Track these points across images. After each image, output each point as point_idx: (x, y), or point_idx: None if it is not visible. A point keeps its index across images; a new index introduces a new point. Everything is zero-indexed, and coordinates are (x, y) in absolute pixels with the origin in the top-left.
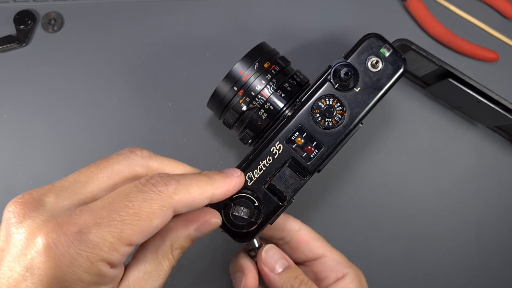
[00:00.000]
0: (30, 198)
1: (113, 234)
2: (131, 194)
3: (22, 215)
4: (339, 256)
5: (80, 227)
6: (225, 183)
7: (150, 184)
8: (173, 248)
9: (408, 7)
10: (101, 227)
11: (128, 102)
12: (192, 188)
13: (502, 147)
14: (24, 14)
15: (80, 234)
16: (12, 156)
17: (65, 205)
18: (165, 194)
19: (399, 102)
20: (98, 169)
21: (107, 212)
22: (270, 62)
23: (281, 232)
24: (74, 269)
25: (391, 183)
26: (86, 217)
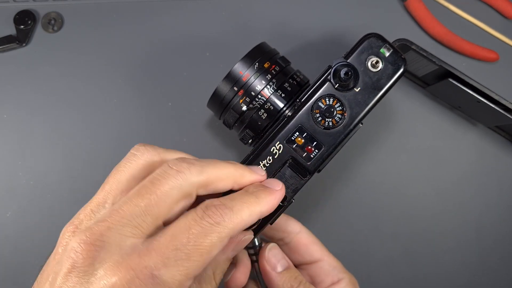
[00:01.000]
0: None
1: (181, 272)
2: (191, 229)
3: (91, 257)
4: (335, 261)
5: (151, 270)
6: (271, 200)
7: (207, 216)
8: (215, 274)
9: (408, 7)
10: (169, 267)
11: (128, 102)
12: (244, 213)
13: (502, 147)
14: (24, 14)
15: (153, 277)
16: (12, 156)
17: (131, 243)
18: (222, 225)
19: (399, 102)
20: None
21: (173, 251)
22: (270, 62)
23: (281, 233)
24: None
25: (391, 183)
26: (155, 258)
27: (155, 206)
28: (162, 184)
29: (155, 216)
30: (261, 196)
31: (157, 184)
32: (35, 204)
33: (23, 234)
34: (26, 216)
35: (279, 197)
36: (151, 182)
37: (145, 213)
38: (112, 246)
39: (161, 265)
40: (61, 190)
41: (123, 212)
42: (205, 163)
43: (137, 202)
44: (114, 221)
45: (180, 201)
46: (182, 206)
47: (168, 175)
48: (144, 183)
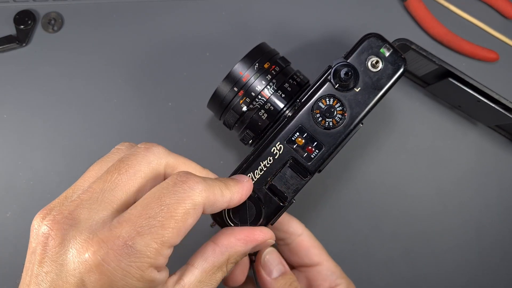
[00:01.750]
0: (62, 217)
1: (156, 240)
2: (163, 196)
3: (60, 236)
4: (334, 266)
5: (124, 240)
6: (239, 189)
7: (180, 182)
8: (229, 262)
9: (408, 7)
10: (143, 235)
11: (128, 102)
12: (216, 190)
13: (503, 146)
14: (24, 14)
15: (127, 247)
16: (12, 156)
17: (100, 218)
18: (195, 192)
19: (399, 102)
20: (120, 174)
21: (146, 220)
22: (270, 62)
23: (283, 234)
24: (128, 280)
25: (391, 183)
26: (127, 228)
27: (124, 180)
28: (131, 160)
29: (125, 190)
30: (229, 184)
31: (125, 161)
32: (35, 204)
33: (23, 234)
34: (26, 216)
35: (247, 188)
36: (120, 160)
37: (114, 188)
38: (81, 223)
39: (134, 234)
40: (61, 190)
41: (92, 189)
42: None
43: (106, 178)
44: (84, 198)
45: (148, 177)
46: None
47: (137, 152)
48: (114, 163)
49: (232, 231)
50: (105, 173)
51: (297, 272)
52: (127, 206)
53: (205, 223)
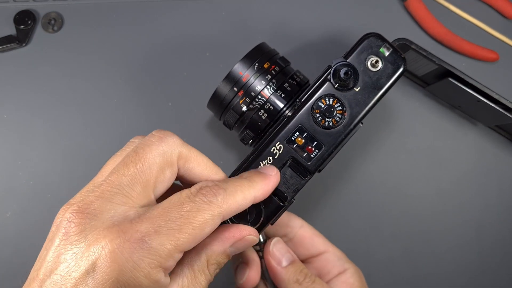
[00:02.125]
0: (85, 207)
1: (171, 242)
2: (184, 204)
3: (83, 224)
4: (340, 252)
5: (142, 234)
6: (265, 185)
7: (201, 194)
8: (209, 263)
9: (408, 7)
10: (160, 235)
11: (128, 102)
12: (238, 195)
13: (503, 146)
14: (24, 14)
15: (143, 242)
16: (12, 156)
17: (122, 210)
18: (214, 204)
19: (399, 101)
20: (136, 168)
21: (165, 221)
22: (270, 62)
23: (284, 229)
24: (136, 274)
25: (391, 183)
26: (146, 225)
27: (141, 174)
28: (145, 151)
29: (143, 184)
30: (255, 181)
31: (140, 153)
32: (35, 204)
33: (23, 234)
34: (26, 216)
35: (273, 182)
36: (135, 151)
37: (132, 181)
38: (104, 214)
39: (152, 231)
40: (61, 190)
41: (111, 181)
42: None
43: (123, 171)
44: (103, 191)
45: (165, 169)
46: (169, 177)
47: (151, 142)
48: (129, 153)
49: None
50: (121, 164)
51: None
52: (145, 198)
53: None
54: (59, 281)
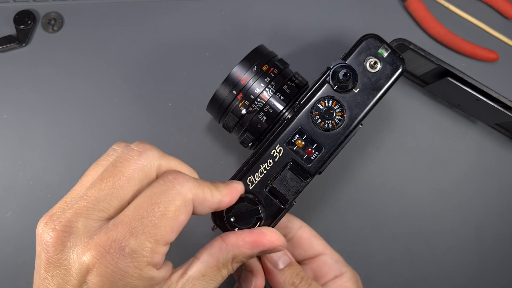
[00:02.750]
0: (62, 225)
1: (149, 239)
2: (153, 196)
3: (61, 244)
4: (337, 255)
5: (119, 242)
6: (229, 190)
7: (169, 180)
8: (234, 260)
9: (408, 7)
10: (137, 236)
11: (128, 102)
12: (205, 188)
13: (502, 145)
14: (24, 14)
15: (123, 249)
16: (12, 156)
17: (97, 224)
18: (185, 189)
19: (398, 101)
20: (113, 182)
21: (138, 221)
22: (268, 64)
23: (283, 230)
24: (127, 280)
25: (391, 183)
26: (121, 230)
27: (118, 188)
28: (124, 165)
29: (120, 199)
30: (219, 186)
31: (118, 167)
32: (35, 204)
33: (23, 234)
34: (26, 216)
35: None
36: (113, 165)
37: (109, 196)
38: (80, 231)
39: (128, 235)
40: (61, 190)
41: (89, 197)
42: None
43: (101, 186)
44: (80, 207)
45: (143, 182)
46: (144, 187)
47: (131, 156)
48: (107, 167)
49: (242, 232)
50: (99, 179)
51: (302, 266)
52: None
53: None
54: None
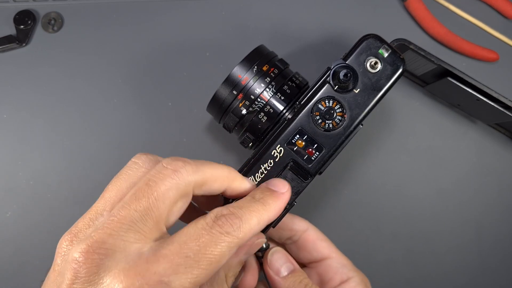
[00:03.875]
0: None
1: (190, 280)
2: (201, 238)
3: (96, 266)
4: (345, 259)
5: (160, 276)
6: (278, 205)
7: (218, 226)
8: (227, 277)
9: (408, 7)
10: (179, 274)
11: (128, 102)
12: (252, 221)
13: (503, 145)
14: (24, 14)
15: (161, 283)
16: (12, 156)
17: (135, 248)
18: (231, 235)
19: (398, 101)
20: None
21: (183, 259)
22: (268, 65)
23: (288, 232)
24: None
25: (392, 183)
26: (164, 264)
27: (154, 209)
28: (159, 185)
29: (155, 220)
30: (268, 203)
31: (153, 186)
32: (35, 204)
33: (23, 234)
34: (26, 216)
35: (285, 200)
36: (146, 184)
37: (145, 217)
38: (117, 253)
39: (170, 271)
40: (61, 190)
41: (122, 217)
42: (200, 163)
43: (135, 206)
44: (114, 227)
45: (178, 201)
46: (181, 206)
47: (164, 175)
48: (140, 186)
49: None
50: (132, 198)
51: (307, 269)
52: (158, 231)
53: None
54: None
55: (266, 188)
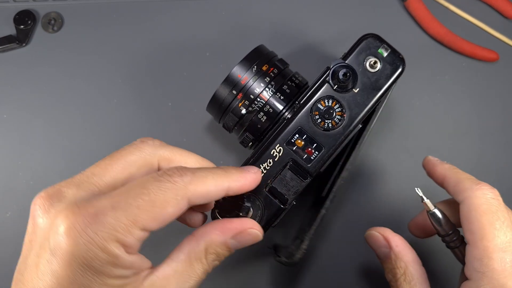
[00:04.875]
0: (53, 191)
1: (128, 217)
2: (147, 183)
3: (47, 206)
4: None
5: (97, 209)
6: (241, 177)
7: (167, 175)
8: (207, 252)
9: (408, 7)
10: (117, 210)
11: (128, 102)
12: (208, 180)
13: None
14: (24, 14)
15: (97, 215)
16: (12, 156)
17: (85, 195)
18: (180, 184)
19: (399, 101)
20: (112, 161)
21: (124, 198)
22: (268, 64)
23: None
24: (91, 247)
25: (392, 183)
26: (103, 201)
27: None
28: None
29: (113, 176)
30: (231, 171)
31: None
32: None
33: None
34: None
35: (251, 179)
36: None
37: (104, 171)
38: (68, 197)
39: (109, 207)
40: None
41: (85, 172)
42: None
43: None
44: (74, 178)
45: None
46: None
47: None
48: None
49: (211, 222)
50: (100, 160)
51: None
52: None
53: None
54: (23, 263)
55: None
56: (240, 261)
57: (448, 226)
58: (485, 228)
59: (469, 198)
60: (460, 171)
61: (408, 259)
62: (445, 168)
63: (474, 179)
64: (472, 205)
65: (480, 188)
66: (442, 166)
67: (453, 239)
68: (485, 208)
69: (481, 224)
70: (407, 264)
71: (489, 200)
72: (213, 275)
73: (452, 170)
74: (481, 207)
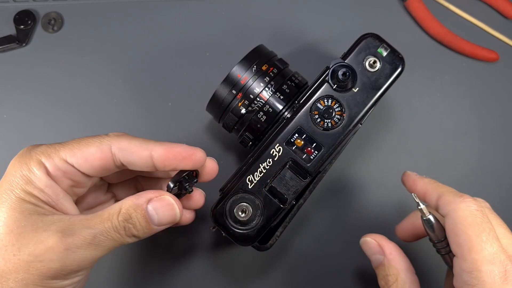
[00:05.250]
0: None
1: (54, 148)
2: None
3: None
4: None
5: (29, 147)
6: (168, 147)
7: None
8: (120, 212)
9: (408, 7)
10: (49, 145)
11: (128, 102)
12: (135, 139)
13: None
14: (24, 14)
15: (27, 149)
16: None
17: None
18: (108, 136)
19: (399, 101)
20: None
21: (60, 142)
22: (268, 64)
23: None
24: (20, 165)
25: (391, 183)
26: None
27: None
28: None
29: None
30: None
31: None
32: None
33: None
34: None
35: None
36: None
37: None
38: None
39: (44, 146)
40: None
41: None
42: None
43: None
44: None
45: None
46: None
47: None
48: None
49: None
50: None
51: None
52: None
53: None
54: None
55: None
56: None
57: (441, 233)
58: (472, 240)
59: (453, 211)
60: (440, 185)
61: (401, 267)
62: (426, 182)
63: (455, 191)
64: (458, 218)
65: (463, 200)
66: (423, 181)
67: (444, 246)
68: (470, 220)
69: (468, 237)
70: (400, 272)
71: (473, 212)
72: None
73: (433, 184)
74: (467, 220)
